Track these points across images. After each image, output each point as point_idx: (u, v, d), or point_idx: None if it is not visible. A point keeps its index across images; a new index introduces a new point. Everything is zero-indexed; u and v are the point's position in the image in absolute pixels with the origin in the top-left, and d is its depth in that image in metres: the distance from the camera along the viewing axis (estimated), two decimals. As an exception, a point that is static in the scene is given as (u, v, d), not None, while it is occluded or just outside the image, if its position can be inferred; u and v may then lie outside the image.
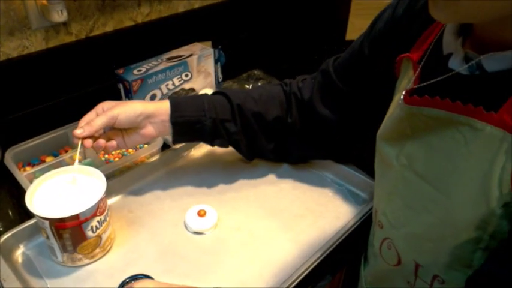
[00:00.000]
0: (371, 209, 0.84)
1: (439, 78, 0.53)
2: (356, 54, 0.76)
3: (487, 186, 0.46)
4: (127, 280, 0.69)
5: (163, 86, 1.10)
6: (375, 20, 0.72)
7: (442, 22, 0.55)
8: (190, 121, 0.81)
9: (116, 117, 0.75)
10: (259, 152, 0.91)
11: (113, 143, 0.77)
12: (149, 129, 0.79)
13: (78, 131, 0.73)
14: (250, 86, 1.27)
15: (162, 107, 0.80)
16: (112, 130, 0.79)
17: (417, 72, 0.57)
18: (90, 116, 0.76)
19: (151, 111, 0.78)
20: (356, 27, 1.43)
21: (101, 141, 0.75)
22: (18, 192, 0.85)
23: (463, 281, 0.52)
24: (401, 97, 0.57)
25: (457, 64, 0.51)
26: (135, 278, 0.69)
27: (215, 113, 0.82)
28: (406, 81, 0.60)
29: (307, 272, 0.71)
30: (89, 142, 0.74)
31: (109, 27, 1.11)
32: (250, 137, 0.86)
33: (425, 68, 0.57)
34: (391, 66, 0.65)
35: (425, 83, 0.55)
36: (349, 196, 0.89)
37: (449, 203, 0.51)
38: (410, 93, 0.56)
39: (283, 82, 0.90)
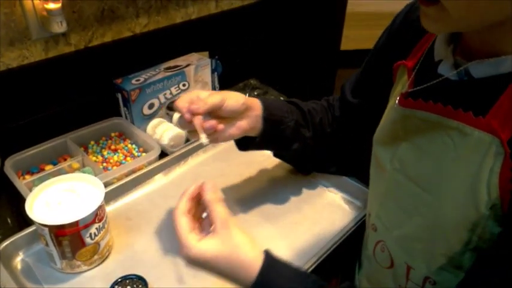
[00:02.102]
0: (365, 215, 0.86)
1: (430, 83, 0.55)
2: (364, 68, 0.79)
3: (476, 188, 0.48)
4: (119, 280, 0.71)
5: (161, 95, 1.12)
6: (381, 35, 0.75)
7: (434, 33, 0.58)
8: (277, 120, 0.78)
9: (225, 100, 0.71)
10: (319, 163, 0.91)
11: (221, 126, 0.71)
12: (244, 122, 0.75)
13: (194, 107, 0.67)
14: (247, 95, 1.29)
15: (256, 102, 0.77)
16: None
17: (411, 77, 0.60)
18: (187, 97, 0.70)
19: (250, 103, 0.75)
20: (350, 37, 1.46)
21: (214, 121, 0.69)
22: (18, 200, 0.86)
23: (454, 282, 0.53)
24: (397, 100, 0.59)
25: (446, 70, 0.54)
26: (127, 278, 0.72)
27: (295, 116, 0.81)
28: (400, 86, 0.63)
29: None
30: (199, 120, 0.69)
31: (108, 38, 1.13)
32: (318, 144, 0.85)
33: (418, 74, 0.59)
34: (390, 74, 0.68)
35: (418, 88, 0.57)
36: (344, 203, 0.91)
37: (439, 205, 0.53)
38: (405, 96, 0.58)
39: (325, 99, 0.91)
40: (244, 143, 0.81)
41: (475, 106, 0.49)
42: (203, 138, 0.67)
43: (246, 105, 0.74)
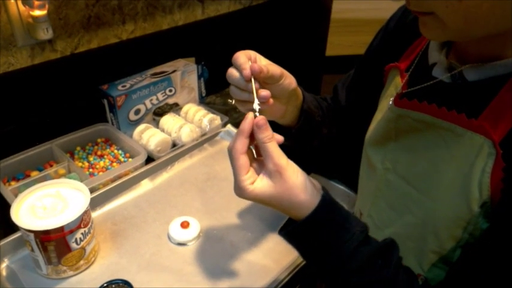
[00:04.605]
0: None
1: (424, 85, 0.57)
2: (357, 69, 0.80)
3: (467, 187, 0.50)
4: (105, 285, 0.71)
5: (147, 101, 1.13)
6: (375, 36, 0.76)
7: (432, 40, 0.60)
8: (312, 114, 0.73)
9: (283, 77, 0.62)
10: (322, 163, 0.90)
11: (272, 100, 0.60)
12: (283, 107, 0.68)
13: (256, 68, 0.57)
14: (233, 101, 1.30)
15: (300, 92, 0.71)
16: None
17: (405, 79, 0.61)
18: (246, 53, 0.61)
19: (297, 92, 0.69)
20: (335, 43, 1.48)
21: (268, 92, 0.58)
22: (3, 207, 0.86)
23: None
24: (391, 101, 0.61)
25: (440, 73, 0.56)
26: (113, 282, 0.72)
27: (320, 111, 0.77)
28: (393, 88, 0.64)
29: (286, 280, 0.74)
30: (257, 84, 0.58)
31: (94, 44, 1.13)
32: (329, 144, 0.83)
33: (412, 76, 0.61)
34: (381, 76, 0.69)
35: (412, 89, 0.59)
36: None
37: (431, 204, 0.54)
38: (400, 97, 0.59)
39: (322, 98, 0.86)
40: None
41: (468, 108, 0.50)
42: (256, 104, 0.58)
43: (295, 91, 0.67)
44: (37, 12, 0.94)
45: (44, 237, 0.68)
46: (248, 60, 0.59)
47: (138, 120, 1.13)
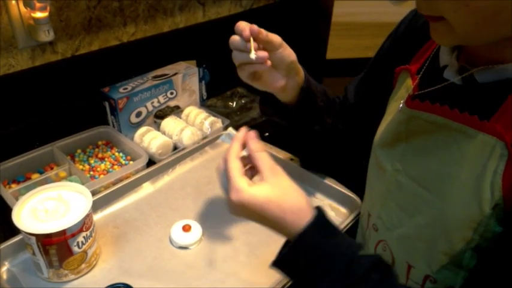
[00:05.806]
0: (351, 221, 0.87)
1: (436, 87, 0.58)
2: (366, 72, 0.81)
3: (479, 189, 0.50)
4: None
5: (148, 104, 1.12)
6: (385, 40, 0.77)
7: (443, 46, 0.60)
8: (313, 95, 0.77)
9: (282, 46, 0.68)
10: (326, 159, 0.91)
11: (270, 62, 0.65)
12: (283, 80, 0.72)
13: (255, 29, 0.63)
14: (234, 103, 1.30)
15: (301, 70, 0.75)
16: None
17: (416, 81, 0.62)
18: (246, 22, 0.66)
19: (298, 67, 0.74)
20: (336, 46, 1.48)
21: (266, 53, 0.64)
22: (4, 210, 0.85)
23: (454, 280, 0.55)
24: (402, 102, 0.61)
25: (451, 75, 0.57)
26: (114, 286, 0.71)
27: (324, 98, 0.80)
28: (404, 90, 0.65)
29: (288, 284, 0.73)
30: (255, 44, 0.64)
31: (95, 47, 1.13)
32: (332, 136, 0.85)
33: (423, 78, 0.62)
34: (391, 78, 0.70)
35: (424, 91, 0.59)
36: (329, 210, 0.92)
37: (442, 205, 0.54)
38: (412, 98, 0.60)
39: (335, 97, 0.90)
40: (273, 108, 0.79)
41: (480, 109, 0.51)
42: (252, 54, 0.63)
43: (294, 65, 0.72)
44: (38, 14, 0.93)
45: (45, 241, 0.68)
46: (248, 25, 0.64)
47: (139, 122, 1.13)
